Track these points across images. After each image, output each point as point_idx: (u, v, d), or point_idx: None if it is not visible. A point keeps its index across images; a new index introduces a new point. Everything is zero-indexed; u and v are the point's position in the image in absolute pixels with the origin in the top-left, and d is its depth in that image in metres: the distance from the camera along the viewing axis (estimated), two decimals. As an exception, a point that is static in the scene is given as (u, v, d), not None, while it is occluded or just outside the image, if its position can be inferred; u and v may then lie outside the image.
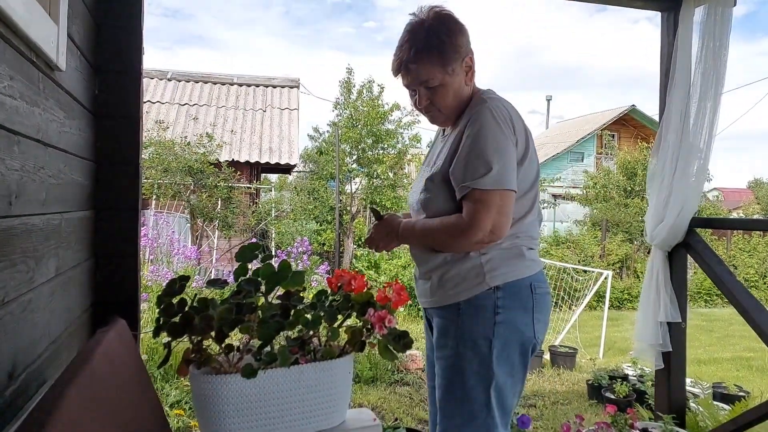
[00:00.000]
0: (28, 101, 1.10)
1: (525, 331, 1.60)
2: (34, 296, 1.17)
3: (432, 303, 1.70)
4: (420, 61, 1.57)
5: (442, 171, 1.62)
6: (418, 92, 1.64)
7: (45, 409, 0.68)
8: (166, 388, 3.68)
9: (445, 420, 1.63)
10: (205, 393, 1.29)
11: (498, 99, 1.63)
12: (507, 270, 1.60)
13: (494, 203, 1.52)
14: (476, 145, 1.54)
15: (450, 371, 1.62)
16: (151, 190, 8.52)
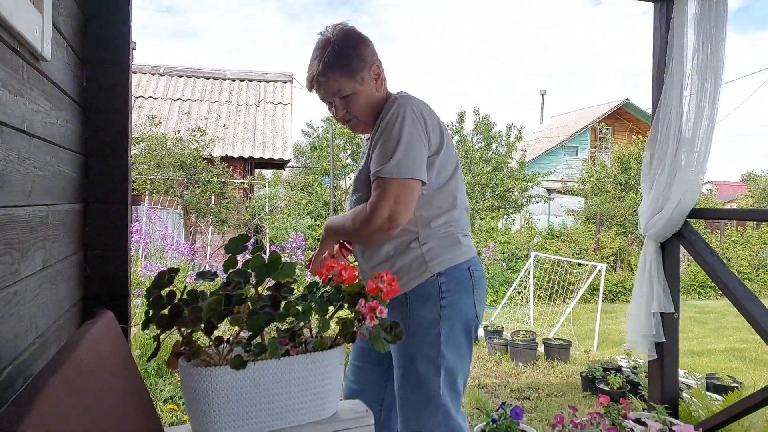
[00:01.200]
0: (11, 90, 1.08)
1: (468, 312, 1.71)
2: (19, 288, 1.16)
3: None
4: (330, 74, 1.70)
5: (365, 170, 1.73)
6: (334, 104, 1.76)
7: (27, 398, 0.67)
8: (159, 383, 3.67)
9: (406, 407, 1.72)
10: (195, 385, 1.28)
11: (408, 97, 1.74)
12: (447, 257, 1.70)
13: (392, 191, 1.61)
14: (383, 137, 1.66)
15: (403, 360, 1.71)
16: (143, 186, 8.48)
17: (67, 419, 0.70)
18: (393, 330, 1.43)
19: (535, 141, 20.21)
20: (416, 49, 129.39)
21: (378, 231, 1.64)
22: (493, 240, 10.51)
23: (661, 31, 2.79)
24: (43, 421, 0.65)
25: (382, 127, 1.66)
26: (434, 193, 1.72)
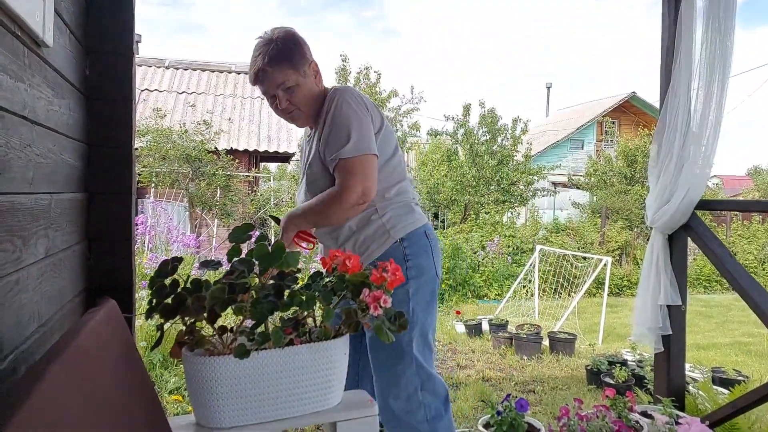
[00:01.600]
0: (12, 76, 1.07)
1: (430, 271, 1.89)
2: (21, 276, 1.15)
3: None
4: (275, 66, 1.81)
5: (318, 158, 1.85)
6: (278, 96, 1.86)
7: (27, 384, 0.66)
8: (165, 374, 3.67)
9: (379, 368, 1.87)
10: (199, 375, 1.28)
11: (346, 87, 1.91)
12: (405, 223, 1.88)
13: (358, 168, 1.76)
14: (334, 123, 1.80)
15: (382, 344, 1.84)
16: (149, 178, 8.49)
17: (68, 405, 0.69)
18: (397, 320, 1.42)
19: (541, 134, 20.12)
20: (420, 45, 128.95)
21: (353, 207, 1.78)
22: (497, 234, 10.48)
23: (670, 22, 2.76)
24: (43, 407, 0.64)
25: (330, 117, 1.81)
26: (384, 167, 1.88)
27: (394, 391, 1.84)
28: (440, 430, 1.86)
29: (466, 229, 10.74)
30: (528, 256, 9.36)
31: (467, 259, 8.69)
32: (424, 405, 1.83)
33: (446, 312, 7.22)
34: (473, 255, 9.13)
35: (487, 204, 11.61)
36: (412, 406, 1.83)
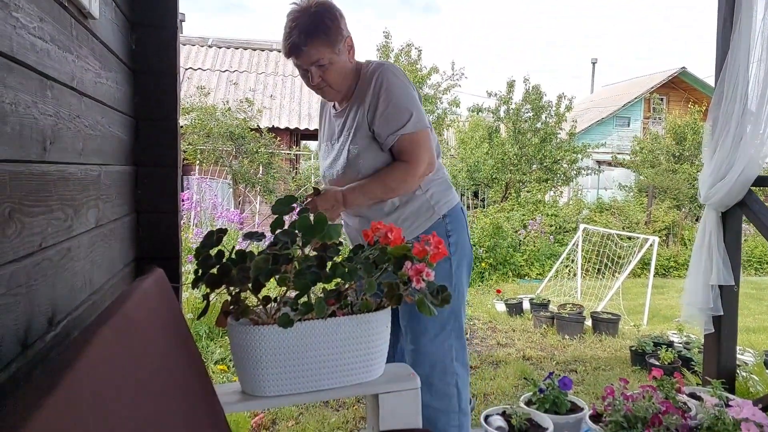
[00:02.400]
0: (60, 46, 1.09)
1: (467, 248, 1.97)
2: (73, 245, 1.18)
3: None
4: (311, 44, 1.76)
5: (366, 133, 1.84)
6: (310, 72, 1.82)
7: (77, 346, 0.67)
8: (210, 345, 3.77)
9: (417, 337, 1.90)
10: (244, 343, 1.30)
11: (388, 62, 1.92)
12: (447, 199, 1.94)
13: (423, 141, 1.83)
14: (391, 100, 1.81)
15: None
16: (194, 156, 8.65)
17: (117, 366, 0.70)
18: (440, 293, 1.41)
19: (585, 111, 19.60)
20: (461, 22, 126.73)
21: (420, 177, 1.84)
22: (540, 213, 10.31)
23: (728, -11, 2.61)
24: (93, 366, 0.65)
25: (384, 93, 1.81)
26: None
27: (430, 360, 1.89)
28: (464, 397, 1.96)
29: (507, 208, 10.60)
30: (571, 236, 9.18)
31: (508, 238, 8.58)
32: (456, 374, 1.92)
33: (486, 291, 7.18)
34: (514, 234, 9.01)
35: (530, 182, 11.41)
36: (446, 376, 1.91)
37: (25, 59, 0.92)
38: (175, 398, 0.87)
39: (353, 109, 1.90)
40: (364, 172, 1.87)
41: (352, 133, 1.89)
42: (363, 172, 1.87)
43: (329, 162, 1.98)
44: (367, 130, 1.85)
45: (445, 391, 1.91)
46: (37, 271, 0.97)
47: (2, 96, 0.84)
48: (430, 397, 1.89)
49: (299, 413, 3.00)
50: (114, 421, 0.62)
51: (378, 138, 1.84)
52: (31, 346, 0.95)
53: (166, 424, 0.77)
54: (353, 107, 1.90)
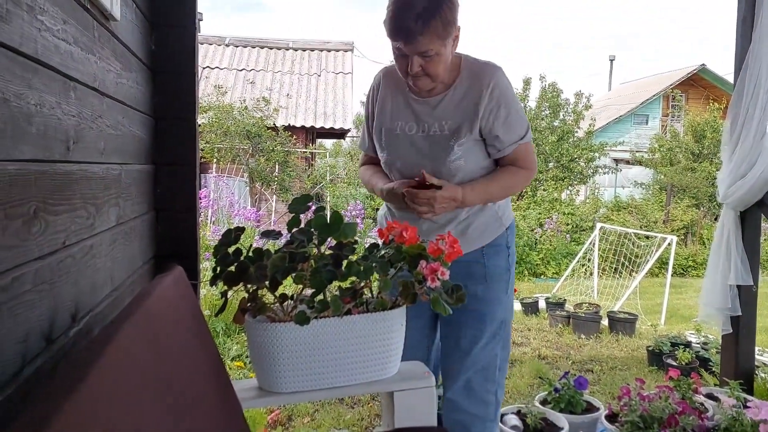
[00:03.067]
0: (83, 48, 1.11)
1: (514, 258, 1.94)
2: (95, 242, 1.21)
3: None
4: (426, 33, 1.60)
5: (474, 135, 1.75)
6: (412, 59, 1.66)
7: (101, 341, 0.69)
8: (227, 342, 3.81)
9: (468, 344, 1.85)
10: (261, 340, 1.31)
11: (500, 66, 1.83)
12: (509, 212, 1.93)
13: (533, 150, 1.88)
14: (512, 107, 1.77)
15: (478, 303, 1.82)
16: (211, 154, 8.72)
17: (139, 361, 0.72)
18: (455, 292, 1.42)
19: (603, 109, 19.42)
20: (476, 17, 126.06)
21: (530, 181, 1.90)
22: (556, 211, 10.24)
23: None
24: (116, 363, 0.67)
25: (504, 100, 1.75)
26: None
27: (476, 366, 1.86)
28: (500, 406, 1.95)
29: (523, 207, 10.55)
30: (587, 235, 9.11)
31: (524, 236, 8.55)
32: (497, 383, 1.90)
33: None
34: (530, 233, 8.97)
35: (546, 181, 11.34)
36: (487, 383, 1.87)
37: (50, 61, 0.94)
38: (195, 393, 0.89)
39: (452, 103, 1.76)
40: (460, 175, 1.76)
41: (452, 130, 1.76)
42: (459, 174, 1.76)
43: (405, 147, 1.81)
44: (478, 132, 1.75)
45: (485, 398, 1.87)
46: (60, 268, 0.99)
47: (27, 97, 0.86)
48: (469, 402, 1.86)
49: (315, 410, 3.02)
50: (137, 414, 0.64)
51: (493, 143, 1.77)
52: (55, 341, 0.97)
53: (186, 418, 0.79)
54: (452, 101, 1.76)
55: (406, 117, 1.81)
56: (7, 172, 0.80)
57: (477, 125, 1.74)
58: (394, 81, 1.83)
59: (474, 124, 1.74)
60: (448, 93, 1.76)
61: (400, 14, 1.62)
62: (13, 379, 0.81)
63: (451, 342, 1.88)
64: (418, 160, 1.78)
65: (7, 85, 0.80)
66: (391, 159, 1.83)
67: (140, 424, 0.65)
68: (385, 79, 1.87)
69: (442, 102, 1.77)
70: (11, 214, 0.81)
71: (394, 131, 1.82)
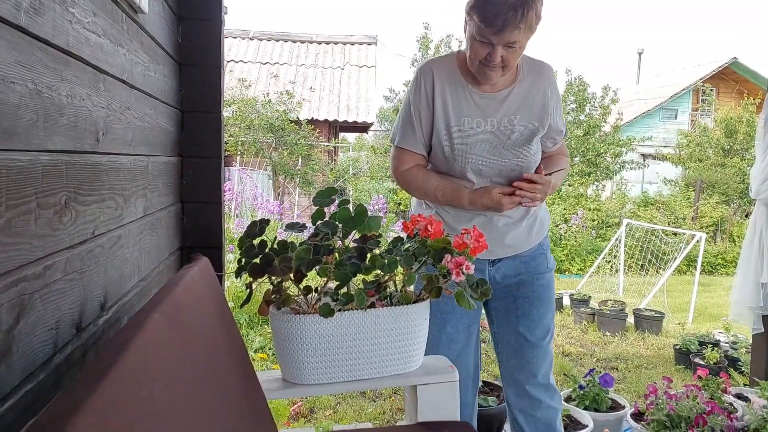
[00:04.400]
0: (112, 40, 1.12)
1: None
2: (123, 233, 1.22)
3: (520, 248, 1.83)
4: (521, 24, 1.57)
5: (544, 130, 1.78)
6: (496, 49, 1.60)
7: (131, 330, 0.70)
8: (251, 334, 3.85)
9: (531, 347, 1.84)
10: (285, 332, 1.32)
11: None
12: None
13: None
14: (559, 102, 1.82)
15: (546, 292, 1.86)
16: (235, 147, 8.80)
17: (167, 350, 0.72)
18: (480, 287, 1.40)
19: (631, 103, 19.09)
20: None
21: None
22: (581, 207, 10.12)
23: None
24: (145, 351, 0.68)
25: (556, 95, 1.81)
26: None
27: (549, 360, 1.88)
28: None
29: (548, 202, 10.43)
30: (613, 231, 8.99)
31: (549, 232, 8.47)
32: (552, 384, 1.90)
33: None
34: (555, 228, 8.87)
35: (571, 176, 11.20)
36: (549, 386, 1.88)
37: (80, 53, 0.95)
38: (221, 382, 0.90)
39: (519, 97, 1.75)
40: (531, 168, 1.76)
41: (524, 125, 1.74)
42: (530, 167, 1.76)
43: (476, 143, 1.72)
44: (545, 125, 1.77)
45: (557, 390, 1.91)
46: (90, 258, 1.01)
47: (59, 89, 0.87)
48: (550, 397, 1.87)
49: (337, 403, 3.03)
50: (164, 402, 0.64)
51: (553, 136, 1.83)
52: (85, 329, 0.98)
53: (212, 406, 0.80)
54: (518, 96, 1.75)
55: (472, 112, 1.73)
56: (40, 162, 0.81)
57: (548, 120, 1.77)
58: (447, 74, 1.75)
59: (545, 120, 1.76)
60: (514, 88, 1.75)
61: (496, 2, 1.55)
62: (44, 365, 0.82)
63: (521, 338, 1.85)
64: (494, 155, 1.72)
65: (40, 77, 0.81)
66: (462, 157, 1.72)
67: (168, 410, 0.65)
68: (437, 72, 1.75)
69: (509, 97, 1.74)
70: (43, 204, 0.82)
71: (463, 128, 1.72)
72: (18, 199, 0.75)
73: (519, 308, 1.84)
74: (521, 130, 1.74)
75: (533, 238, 1.83)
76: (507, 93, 1.74)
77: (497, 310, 1.88)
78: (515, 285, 1.83)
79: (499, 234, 1.78)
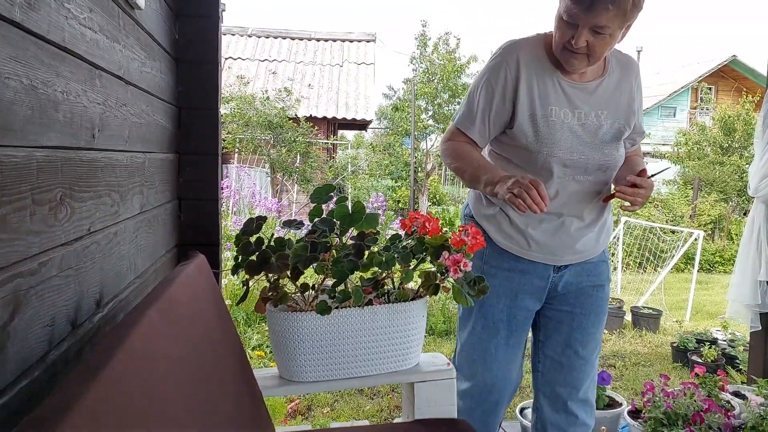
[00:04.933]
0: (108, 36, 1.12)
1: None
2: (119, 230, 1.22)
3: (589, 254, 1.70)
4: (614, 6, 1.40)
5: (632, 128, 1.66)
6: (580, 32, 1.45)
7: (127, 327, 0.69)
8: (248, 332, 3.85)
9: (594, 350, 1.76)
10: (282, 329, 1.32)
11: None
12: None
13: None
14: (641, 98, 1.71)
15: (604, 306, 1.76)
16: (233, 144, 8.79)
17: (163, 346, 0.72)
18: (477, 284, 1.40)
19: (629, 101, 19.04)
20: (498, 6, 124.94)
21: None
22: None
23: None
24: (142, 345, 0.67)
25: (640, 90, 1.69)
26: None
27: (593, 374, 1.78)
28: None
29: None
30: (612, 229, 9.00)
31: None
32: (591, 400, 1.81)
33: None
34: (553, 226, 8.88)
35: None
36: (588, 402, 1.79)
37: (76, 49, 0.95)
38: (218, 380, 0.90)
39: (608, 91, 1.61)
40: (616, 167, 1.66)
41: (612, 121, 1.61)
42: (616, 167, 1.66)
43: (565, 136, 1.57)
44: (631, 124, 1.65)
45: (594, 407, 1.81)
46: (86, 255, 1.00)
47: (55, 85, 0.87)
48: (587, 414, 1.77)
49: (334, 400, 3.03)
50: (160, 399, 0.64)
51: (635, 136, 1.71)
52: (81, 326, 0.98)
53: (209, 403, 0.80)
54: (607, 90, 1.61)
55: (559, 101, 1.58)
56: (35, 158, 0.81)
57: (634, 119, 1.65)
58: (533, 58, 1.58)
59: (631, 119, 1.64)
60: (604, 80, 1.61)
61: None
62: (39, 362, 0.82)
63: (570, 351, 1.73)
64: (580, 150, 1.58)
65: (35, 72, 0.80)
66: (547, 148, 1.57)
67: (164, 408, 0.65)
68: (522, 56, 1.58)
69: (599, 89, 1.60)
70: (39, 200, 0.82)
71: (549, 117, 1.57)
72: (13, 195, 0.74)
73: (574, 320, 1.71)
74: (608, 127, 1.60)
75: (600, 244, 1.71)
76: (596, 85, 1.60)
77: (548, 319, 1.75)
78: (574, 294, 1.70)
79: (571, 239, 1.64)
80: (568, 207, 1.62)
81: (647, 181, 1.55)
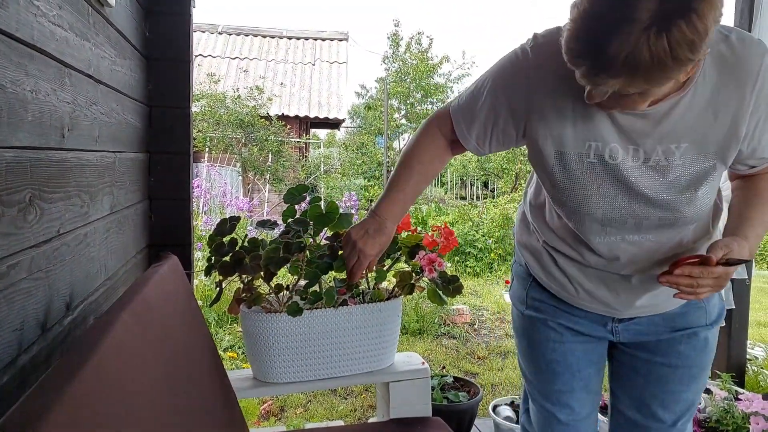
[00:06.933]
0: (78, 34, 1.10)
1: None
2: (89, 231, 1.20)
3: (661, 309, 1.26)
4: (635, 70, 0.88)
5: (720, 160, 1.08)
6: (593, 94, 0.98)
7: (99, 331, 0.69)
8: (220, 332, 3.80)
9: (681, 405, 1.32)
10: (256, 331, 1.31)
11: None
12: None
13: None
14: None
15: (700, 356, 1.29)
16: (203, 143, 8.68)
17: (137, 349, 0.71)
18: (452, 283, 1.42)
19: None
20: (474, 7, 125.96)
21: None
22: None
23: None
24: (116, 348, 0.67)
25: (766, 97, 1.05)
26: None
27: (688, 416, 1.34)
28: None
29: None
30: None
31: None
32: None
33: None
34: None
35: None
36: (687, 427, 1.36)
37: (45, 47, 0.93)
38: (192, 382, 0.89)
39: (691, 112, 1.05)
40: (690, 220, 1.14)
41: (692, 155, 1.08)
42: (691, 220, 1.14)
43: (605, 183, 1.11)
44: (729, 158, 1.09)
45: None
46: (55, 257, 0.98)
47: (23, 84, 0.85)
48: None
49: (308, 401, 3.03)
50: (136, 400, 0.64)
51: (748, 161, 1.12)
52: (50, 329, 0.96)
53: (183, 406, 0.79)
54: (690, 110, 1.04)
55: (605, 135, 1.08)
56: (4, 158, 0.79)
57: (736, 148, 1.07)
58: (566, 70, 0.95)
59: (731, 148, 1.07)
60: (683, 98, 1.03)
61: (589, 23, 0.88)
62: (8, 366, 0.80)
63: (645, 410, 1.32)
64: (632, 202, 1.12)
65: (3, 71, 0.79)
66: (580, 197, 1.13)
67: (138, 409, 0.65)
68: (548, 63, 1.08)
69: (672, 113, 1.05)
70: (7, 202, 0.80)
71: (586, 157, 1.10)
72: (-20, 197, 0.73)
73: (651, 372, 1.29)
74: (686, 166, 1.08)
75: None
76: (668, 108, 1.04)
77: (620, 363, 1.35)
78: (651, 342, 1.29)
79: (630, 292, 1.22)
80: (629, 269, 1.20)
81: (710, 270, 1.02)
